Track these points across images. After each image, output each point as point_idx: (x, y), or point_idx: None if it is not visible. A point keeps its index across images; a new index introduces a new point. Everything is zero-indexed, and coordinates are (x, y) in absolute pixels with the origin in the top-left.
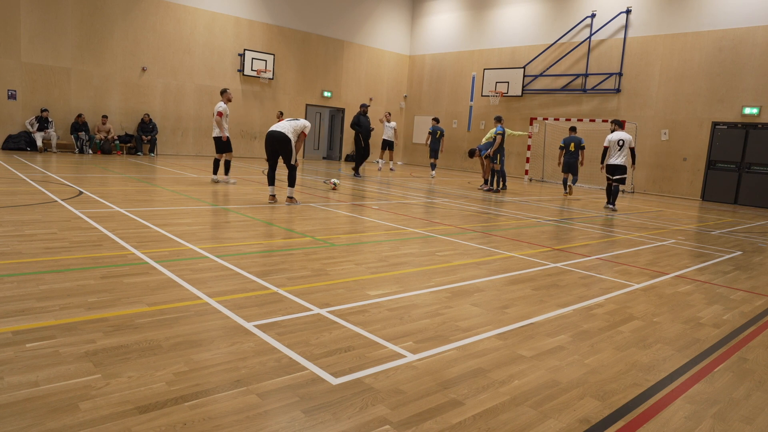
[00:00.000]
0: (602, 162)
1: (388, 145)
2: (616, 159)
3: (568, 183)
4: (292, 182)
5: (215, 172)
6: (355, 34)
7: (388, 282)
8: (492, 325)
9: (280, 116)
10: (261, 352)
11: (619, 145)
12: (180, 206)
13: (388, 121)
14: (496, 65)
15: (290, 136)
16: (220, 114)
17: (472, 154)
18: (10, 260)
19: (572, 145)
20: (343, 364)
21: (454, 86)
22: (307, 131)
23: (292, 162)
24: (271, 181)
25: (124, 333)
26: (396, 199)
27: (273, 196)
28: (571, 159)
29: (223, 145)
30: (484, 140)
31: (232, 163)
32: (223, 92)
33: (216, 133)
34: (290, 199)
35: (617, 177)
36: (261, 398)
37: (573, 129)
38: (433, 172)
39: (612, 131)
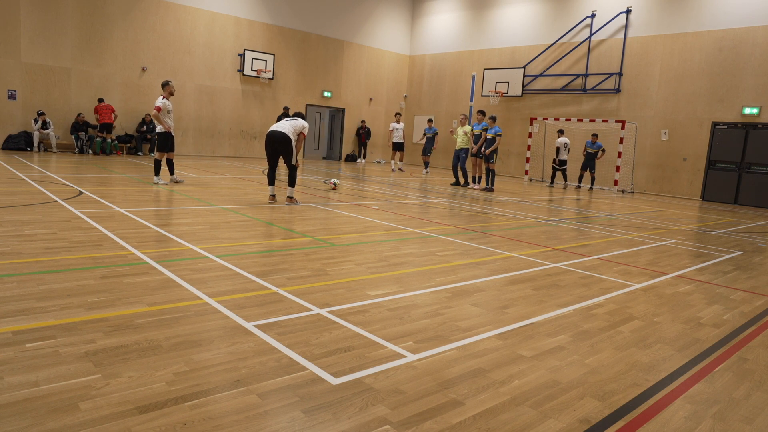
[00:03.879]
0: (556, 156)
1: (399, 146)
2: (564, 156)
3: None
4: (292, 182)
5: (157, 173)
6: (355, 34)
7: (388, 282)
8: (492, 325)
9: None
10: (261, 352)
11: (565, 147)
12: (180, 206)
13: (398, 122)
14: (496, 65)
15: (291, 136)
16: (158, 108)
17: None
18: (10, 260)
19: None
20: (343, 364)
21: (454, 86)
22: (305, 131)
23: (293, 162)
24: (271, 181)
25: (124, 333)
26: (396, 199)
27: (273, 196)
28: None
29: (164, 143)
30: (460, 140)
31: (163, 162)
32: (165, 85)
33: (159, 128)
34: (290, 199)
35: (564, 167)
36: (261, 398)
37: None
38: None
39: (559, 137)
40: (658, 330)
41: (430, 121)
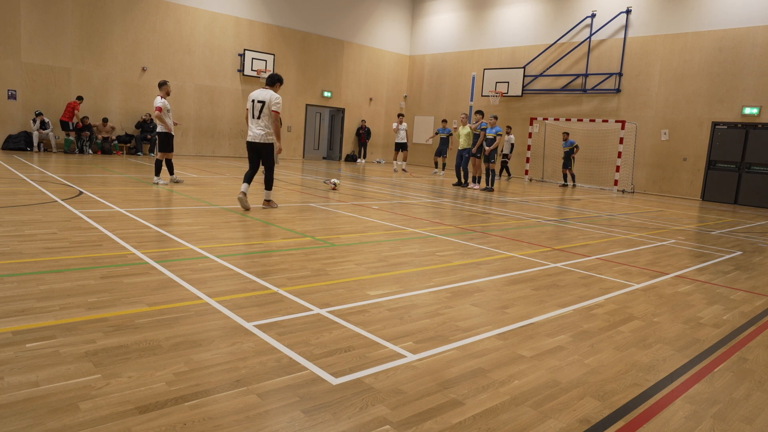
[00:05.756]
0: (509, 152)
1: (401, 146)
2: (507, 151)
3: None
4: (269, 185)
5: (158, 173)
6: (355, 34)
7: (388, 282)
8: (492, 325)
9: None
10: (261, 352)
11: (512, 143)
12: (180, 206)
13: (400, 123)
14: (496, 65)
15: (271, 140)
16: (159, 109)
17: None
18: (10, 260)
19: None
20: (343, 364)
21: (454, 86)
22: (279, 107)
23: (275, 160)
24: (248, 179)
25: (124, 333)
26: (396, 199)
27: (245, 194)
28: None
29: (165, 144)
30: (462, 140)
31: (172, 162)
32: (162, 85)
33: (160, 128)
34: (267, 202)
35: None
36: (261, 398)
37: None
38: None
39: (508, 134)
40: (658, 330)
41: (444, 121)
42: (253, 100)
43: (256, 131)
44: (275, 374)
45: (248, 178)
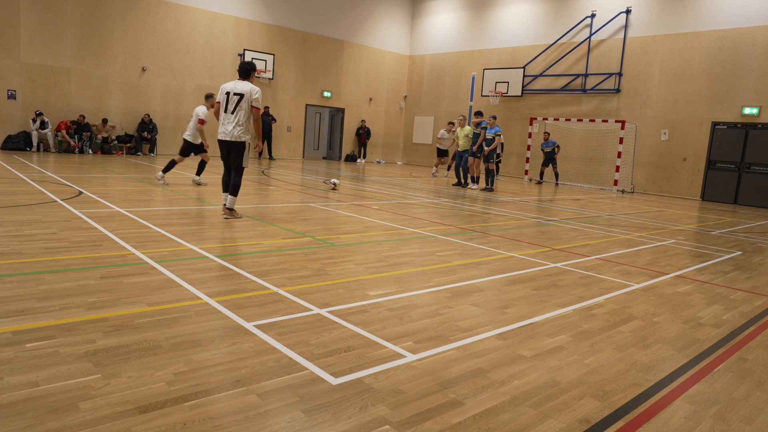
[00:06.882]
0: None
1: (444, 153)
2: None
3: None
4: (235, 190)
5: (166, 170)
6: (355, 34)
7: (388, 282)
8: (492, 325)
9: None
10: (261, 352)
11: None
12: (180, 206)
13: (447, 131)
14: (496, 65)
15: (244, 138)
16: (202, 122)
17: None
18: (10, 260)
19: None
20: (343, 364)
21: (454, 86)
22: (259, 102)
23: (244, 164)
24: (226, 187)
25: (124, 333)
26: (396, 199)
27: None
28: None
29: (187, 150)
30: (462, 141)
31: (180, 167)
32: (209, 97)
33: (188, 135)
34: (229, 211)
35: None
36: (261, 398)
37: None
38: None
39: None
40: (658, 330)
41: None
42: (228, 93)
43: (229, 128)
44: (275, 374)
45: (226, 185)
